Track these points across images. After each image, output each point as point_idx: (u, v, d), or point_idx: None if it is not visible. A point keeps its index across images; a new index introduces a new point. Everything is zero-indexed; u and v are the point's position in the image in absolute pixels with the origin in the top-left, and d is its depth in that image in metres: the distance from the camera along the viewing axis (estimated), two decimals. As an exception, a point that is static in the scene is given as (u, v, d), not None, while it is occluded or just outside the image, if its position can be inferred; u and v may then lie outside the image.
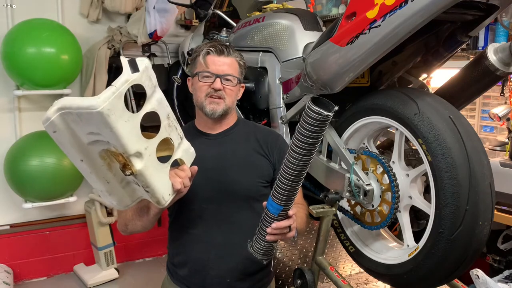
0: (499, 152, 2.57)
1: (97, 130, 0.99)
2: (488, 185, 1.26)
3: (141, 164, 1.05)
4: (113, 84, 0.98)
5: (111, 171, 1.09)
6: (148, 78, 1.08)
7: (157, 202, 1.15)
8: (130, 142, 1.01)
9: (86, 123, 0.98)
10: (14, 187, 2.91)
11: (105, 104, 0.94)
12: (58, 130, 0.98)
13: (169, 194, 1.18)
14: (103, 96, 0.95)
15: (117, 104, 0.97)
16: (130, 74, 1.02)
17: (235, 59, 1.53)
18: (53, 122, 0.97)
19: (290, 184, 1.15)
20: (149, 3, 2.85)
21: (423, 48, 1.60)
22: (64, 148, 1.03)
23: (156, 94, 1.12)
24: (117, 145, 1.01)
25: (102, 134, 0.99)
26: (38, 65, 2.74)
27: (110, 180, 1.10)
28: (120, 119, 0.98)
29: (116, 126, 0.97)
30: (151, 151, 1.09)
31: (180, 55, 3.08)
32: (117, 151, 1.03)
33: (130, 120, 1.01)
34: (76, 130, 1.00)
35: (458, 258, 1.28)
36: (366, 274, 1.91)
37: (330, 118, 1.04)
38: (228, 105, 1.51)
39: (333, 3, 2.82)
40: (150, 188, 1.10)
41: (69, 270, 3.31)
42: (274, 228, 1.22)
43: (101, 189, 1.12)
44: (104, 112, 0.94)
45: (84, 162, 1.05)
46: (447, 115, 1.30)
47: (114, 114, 0.96)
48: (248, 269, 1.49)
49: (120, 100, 0.98)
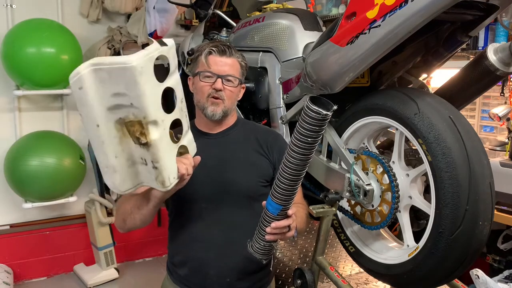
0: (499, 152, 2.58)
1: (124, 90, 1.00)
2: (488, 185, 1.26)
3: (157, 133, 1.06)
4: (146, 49, 1.02)
5: (121, 145, 1.08)
6: (173, 55, 1.14)
7: (162, 182, 1.13)
8: (153, 108, 1.04)
9: (115, 80, 0.98)
10: (14, 187, 2.91)
11: (139, 62, 0.97)
12: (84, 87, 0.97)
13: (174, 177, 1.16)
14: (137, 55, 0.98)
15: (148, 66, 1.00)
16: (158, 45, 1.06)
17: (237, 60, 1.53)
18: (82, 78, 0.96)
19: (289, 183, 1.15)
20: (149, 3, 2.85)
21: (423, 48, 1.60)
22: (84, 108, 1.01)
23: (176, 75, 1.16)
24: (140, 108, 1.02)
25: (128, 94, 1.00)
26: (38, 65, 2.74)
27: (118, 155, 1.08)
28: (148, 82, 1.01)
29: (144, 86, 0.99)
30: (166, 125, 1.11)
31: (180, 55, 3.07)
32: (135, 119, 1.04)
33: (155, 87, 1.04)
34: (103, 89, 1.00)
35: (458, 258, 1.28)
36: (366, 274, 1.90)
37: (329, 117, 1.04)
38: (227, 106, 1.51)
39: (333, 3, 2.81)
40: (159, 163, 1.09)
41: (69, 270, 3.32)
42: (274, 228, 1.22)
43: (106, 165, 1.09)
44: (137, 68, 0.97)
45: (99, 128, 1.04)
46: (447, 115, 1.30)
47: (145, 74, 0.99)
48: (248, 269, 1.49)
49: (151, 63, 1.01)
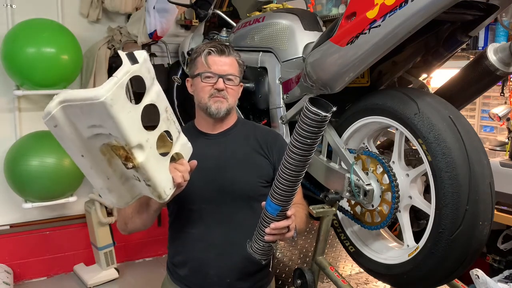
0: (499, 152, 2.58)
1: (99, 122, 0.98)
2: (488, 185, 1.26)
3: (143, 156, 1.04)
4: (114, 75, 0.97)
5: (111, 166, 1.07)
6: (147, 70, 1.07)
7: (158, 196, 1.14)
8: (132, 134, 1.01)
9: (88, 115, 0.96)
10: (14, 187, 2.91)
11: (108, 94, 0.93)
12: (59, 124, 0.96)
13: (170, 188, 1.17)
14: (106, 86, 0.94)
15: (119, 94, 0.96)
16: (130, 66, 1.01)
17: (235, 59, 1.54)
18: (54, 116, 0.94)
19: (289, 184, 1.15)
20: (149, 3, 2.85)
21: (423, 48, 1.60)
22: (65, 143, 1.01)
23: (155, 87, 1.11)
24: (119, 137, 1.00)
25: (104, 126, 0.98)
26: (38, 65, 2.74)
27: (110, 176, 1.08)
28: (123, 110, 0.97)
29: (119, 116, 0.96)
30: (152, 143, 1.08)
31: (180, 55, 3.07)
32: (118, 144, 1.02)
33: (131, 111, 1.00)
34: (77, 124, 0.98)
35: (458, 258, 1.28)
36: (366, 274, 1.90)
37: (328, 119, 1.04)
38: (231, 104, 1.52)
39: (333, 3, 2.81)
40: (151, 181, 1.09)
41: (69, 270, 3.31)
42: (273, 229, 1.22)
43: (100, 186, 1.10)
44: (107, 102, 0.93)
45: (85, 157, 1.03)
46: (447, 115, 1.30)
47: (117, 104, 0.95)
48: (247, 269, 1.49)
49: (122, 90, 0.97)
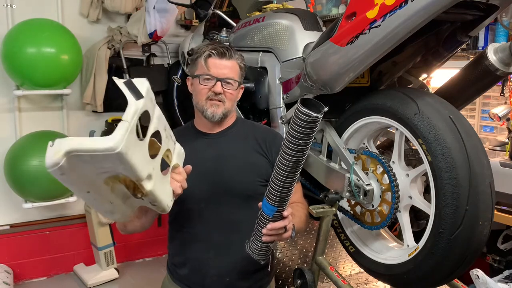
0: (499, 152, 2.57)
1: (110, 165, 0.95)
2: (488, 185, 1.26)
3: (151, 185, 1.04)
4: (124, 119, 0.94)
5: (114, 192, 1.05)
6: (150, 100, 1.04)
7: (162, 211, 1.16)
8: (143, 169, 0.99)
9: (98, 163, 0.93)
10: (14, 187, 2.91)
11: (123, 144, 0.90)
12: (66, 173, 0.90)
13: (171, 200, 1.18)
14: (118, 135, 0.91)
15: (131, 139, 0.94)
16: (136, 103, 0.97)
17: (236, 62, 1.53)
18: (62, 167, 0.88)
19: (283, 185, 1.15)
20: (149, 3, 2.85)
21: (423, 48, 1.60)
22: (71, 185, 0.97)
23: (156, 112, 1.09)
24: (131, 175, 0.98)
25: (115, 168, 0.96)
26: (38, 65, 2.74)
27: (113, 201, 1.07)
28: (134, 151, 0.95)
29: (132, 160, 0.94)
30: (157, 168, 1.08)
31: (180, 55, 3.08)
32: (127, 178, 1.00)
33: (141, 148, 0.99)
34: (85, 168, 0.94)
35: (458, 258, 1.28)
36: (366, 274, 1.90)
37: (320, 119, 1.05)
38: (227, 108, 1.51)
39: (333, 3, 2.81)
40: (157, 202, 1.10)
41: (69, 270, 3.31)
42: (269, 229, 1.23)
43: (104, 211, 1.10)
44: (123, 152, 0.90)
45: (90, 193, 1.01)
46: (447, 115, 1.30)
47: (130, 149, 0.93)
48: (247, 269, 1.49)
49: (133, 134, 0.95)
